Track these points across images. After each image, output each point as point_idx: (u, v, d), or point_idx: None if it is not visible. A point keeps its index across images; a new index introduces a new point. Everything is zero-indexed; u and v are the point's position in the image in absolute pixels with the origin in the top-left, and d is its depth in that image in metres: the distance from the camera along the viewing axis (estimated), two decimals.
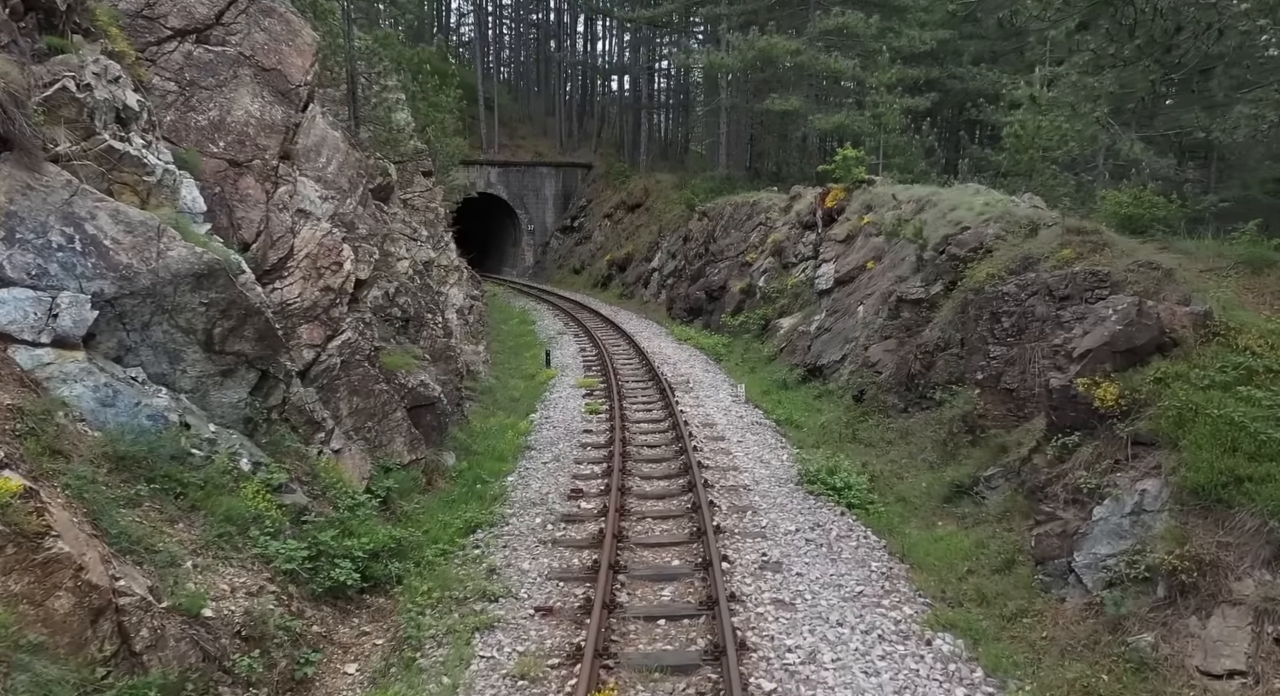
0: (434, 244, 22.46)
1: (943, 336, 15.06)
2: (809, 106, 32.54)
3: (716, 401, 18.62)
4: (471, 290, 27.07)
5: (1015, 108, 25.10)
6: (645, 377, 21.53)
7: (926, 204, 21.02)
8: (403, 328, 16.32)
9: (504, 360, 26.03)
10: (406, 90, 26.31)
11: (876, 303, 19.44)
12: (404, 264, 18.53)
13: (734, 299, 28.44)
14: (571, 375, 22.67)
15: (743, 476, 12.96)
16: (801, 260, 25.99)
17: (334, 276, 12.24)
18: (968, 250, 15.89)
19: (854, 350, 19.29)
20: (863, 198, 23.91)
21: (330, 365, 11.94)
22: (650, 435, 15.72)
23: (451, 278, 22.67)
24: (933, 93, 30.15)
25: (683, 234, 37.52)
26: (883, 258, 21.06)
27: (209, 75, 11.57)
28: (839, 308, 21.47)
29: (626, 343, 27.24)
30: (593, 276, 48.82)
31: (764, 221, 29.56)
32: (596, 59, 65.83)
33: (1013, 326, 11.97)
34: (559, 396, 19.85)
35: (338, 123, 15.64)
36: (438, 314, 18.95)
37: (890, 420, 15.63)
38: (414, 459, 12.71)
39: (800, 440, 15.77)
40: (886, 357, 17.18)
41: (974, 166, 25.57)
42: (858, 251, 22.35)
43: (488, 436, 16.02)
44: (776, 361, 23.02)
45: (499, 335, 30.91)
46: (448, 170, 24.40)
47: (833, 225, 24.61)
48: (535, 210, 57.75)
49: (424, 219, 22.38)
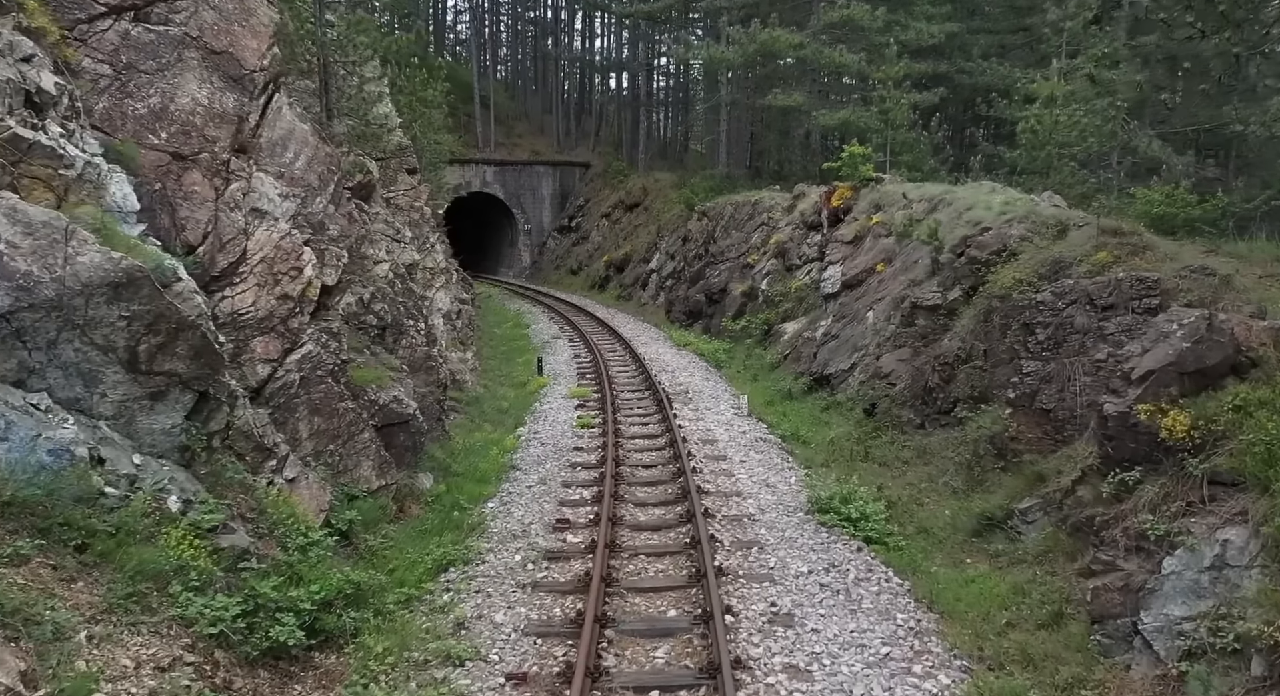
0: (419, 245, 21.17)
1: (963, 347, 13.78)
2: (812, 102, 31.25)
3: (717, 414, 17.33)
4: (461, 293, 25.78)
5: (1030, 102, 23.83)
6: (641, 387, 20.25)
7: (940, 203, 19.74)
8: (379, 336, 15.03)
9: (494, 367, 24.75)
10: (394, 84, 25.04)
11: (888, 308, 18.16)
12: (383, 267, 17.25)
13: (735, 302, 27.16)
14: (564, 384, 21.38)
15: (747, 503, 11.68)
16: (806, 262, 24.70)
17: (293, 283, 10.95)
18: (989, 253, 14.60)
19: (864, 359, 18.01)
20: (871, 197, 22.62)
21: (288, 382, 10.65)
22: (645, 453, 14.43)
23: (438, 280, 21.38)
24: (941, 88, 28.88)
25: (681, 234, 36.24)
26: (893, 260, 19.78)
27: (149, 58, 10.27)
28: (847, 313, 20.18)
29: (623, 348, 25.96)
30: (590, 277, 47.54)
31: (766, 222, 28.27)
32: (594, 56, 64.54)
33: (1049, 339, 10.68)
34: (550, 408, 18.57)
35: (307, 115, 14.34)
36: (420, 320, 17.66)
37: (906, 437, 14.35)
38: (383, 484, 11.42)
39: (808, 459, 14.48)
40: (900, 368, 15.90)
41: (986, 164, 24.30)
42: (866, 253, 21.06)
43: (470, 454, 14.73)
44: (780, 369, 21.74)
45: (491, 340, 29.63)
46: (435, 168, 23.12)
47: (839, 225, 23.33)
48: (532, 210, 56.46)
49: (408, 219, 21.09)
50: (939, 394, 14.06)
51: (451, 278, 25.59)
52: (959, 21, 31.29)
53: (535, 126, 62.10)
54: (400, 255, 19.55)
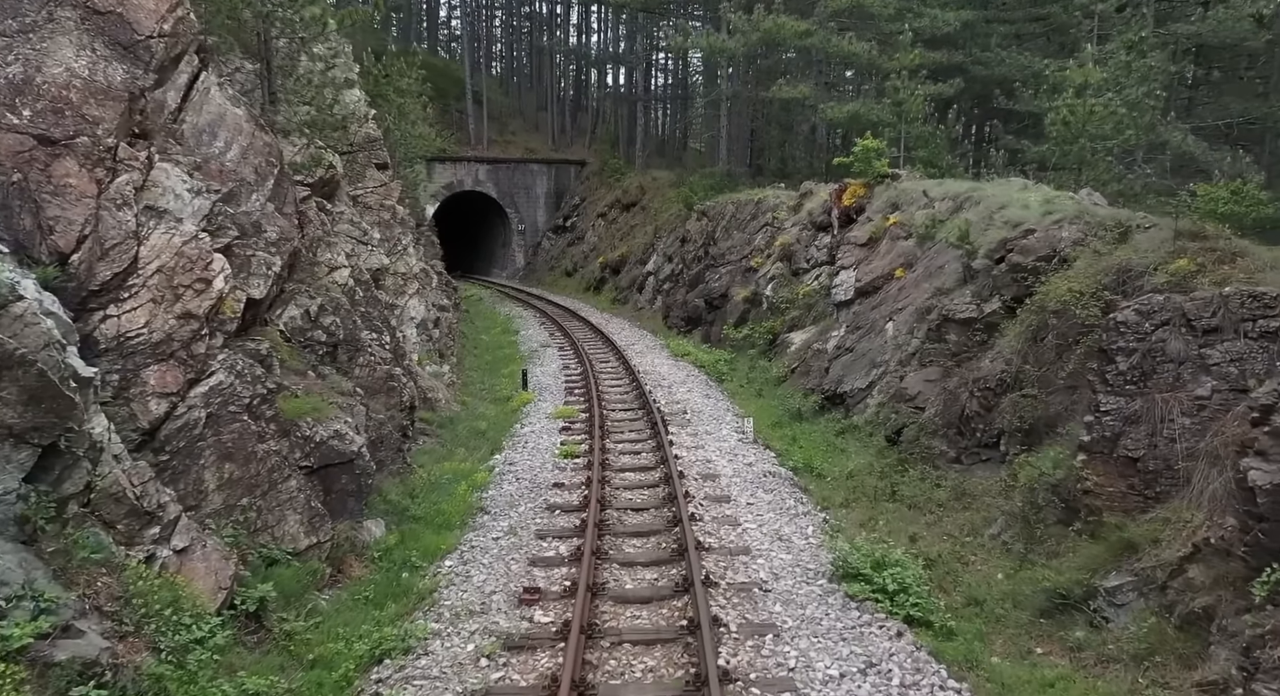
0: (389, 248, 19.04)
1: (1008, 370, 11.65)
2: (818, 95, 29.11)
3: (719, 440, 15.21)
4: (440, 299, 23.66)
5: (1058, 92, 21.68)
6: (634, 405, 18.12)
7: (966, 202, 17.63)
8: (329, 354, 12.91)
9: (476, 379, 22.63)
10: (369, 74, 22.92)
11: (910, 319, 16.05)
12: (342, 274, 15.12)
13: (737, 308, 25.03)
14: (550, 400, 19.26)
15: (757, 566, 9.55)
16: (814, 266, 22.59)
17: (198, 298, 8.83)
18: (1035, 258, 12.48)
19: (884, 377, 15.89)
20: (886, 195, 20.50)
21: (190, 421, 8.53)
22: (636, 493, 12.31)
23: (411, 287, 19.26)
24: (957, 79, 26.78)
25: (680, 235, 34.12)
26: (914, 265, 17.66)
27: (8, 16, 8.15)
28: (862, 323, 18.06)
29: (616, 359, 23.83)
30: (585, 279, 45.40)
31: (770, 222, 26.14)
32: (590, 50, 62.31)
33: (1133, 369, 8.55)
34: (531, 430, 16.44)
35: (242, 98, 12.21)
36: (385, 333, 15.54)
37: (939, 472, 12.23)
38: (314, 543, 9.30)
39: (825, 498, 12.36)
40: (929, 390, 13.78)
41: (1010, 159, 22.18)
42: (883, 257, 18.94)
43: (434, 491, 12.61)
44: (787, 384, 19.62)
45: (476, 348, 27.52)
46: (411, 163, 20.98)
47: (851, 226, 21.20)
48: (526, 209, 54.30)
49: (378, 219, 18.96)
50: (978, 424, 11.94)
51: (430, 282, 23.47)
52: (975, 8, 29.15)
53: (530, 124, 59.94)
54: (366, 259, 17.44)
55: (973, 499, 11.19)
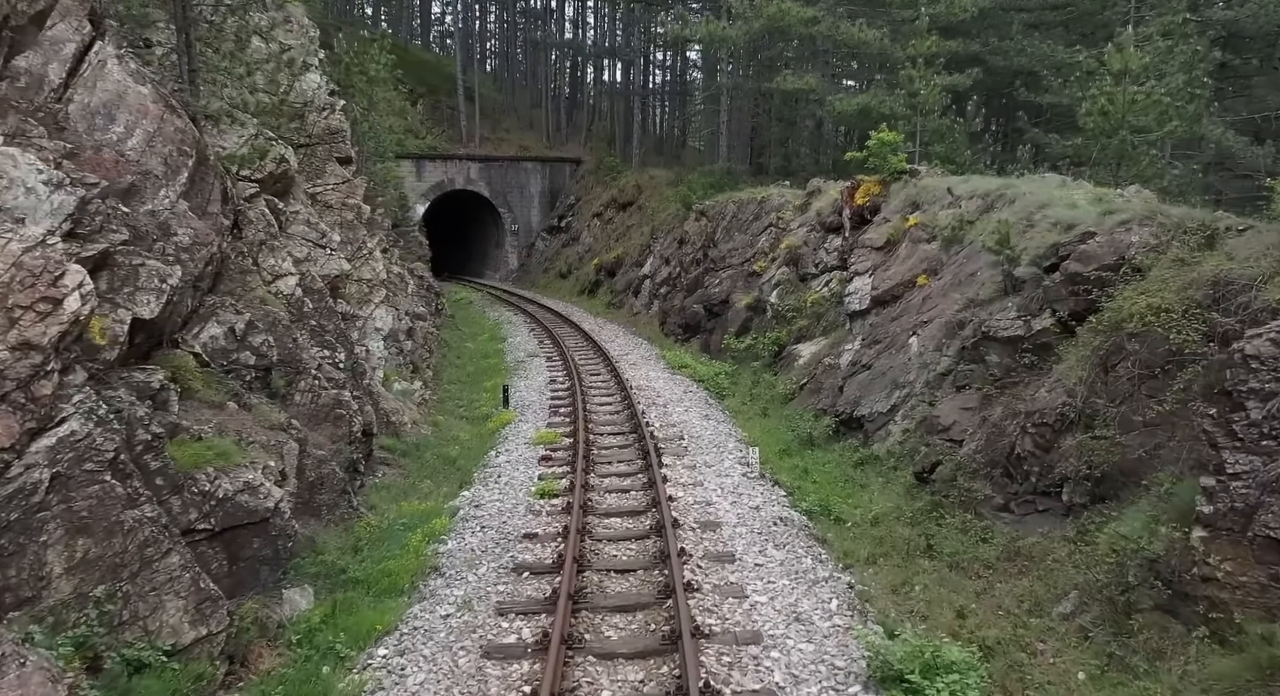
0: (352, 251, 16.95)
1: (1071, 402, 9.56)
2: (825, 87, 26.99)
3: (720, 474, 13.12)
4: (417, 306, 21.57)
5: (1092, 79, 19.58)
6: (625, 428, 16.03)
7: (997, 200, 15.54)
8: (259, 380, 10.83)
9: (455, 394, 20.54)
10: (341, 62, 20.82)
11: (938, 334, 13.96)
12: (287, 283, 13.06)
13: (739, 316, 22.94)
14: (532, 420, 17.17)
15: (770, 662, 7.46)
16: (823, 271, 20.50)
17: (43, 323, 6.73)
18: (1098, 267, 10.38)
19: (909, 400, 13.81)
20: (905, 193, 18.40)
21: (26, 486, 6.44)
22: (622, 548, 10.23)
23: (377, 295, 17.16)
24: (975, 69, 24.68)
25: (677, 236, 32.02)
26: (940, 271, 15.58)
27: None
28: (880, 336, 15.97)
29: (608, 371, 21.74)
30: (580, 282, 43.29)
31: (775, 222, 24.04)
32: (587, 44, 60.08)
33: (1272, 419, 6.46)
34: (507, 460, 14.36)
35: (147, 75, 10.11)
36: (338, 349, 13.46)
37: (984, 522, 10.14)
38: (204, 635, 7.20)
39: (848, 552, 10.27)
40: (966, 420, 11.68)
41: (1038, 154, 20.09)
42: (902, 262, 16.84)
43: (383, 542, 10.53)
44: (796, 402, 17.54)
45: (459, 357, 25.42)
46: (381, 158, 18.87)
47: (865, 227, 19.11)
48: (519, 209, 52.19)
49: (339, 219, 16.87)
50: (1032, 466, 9.85)
51: (405, 288, 21.40)
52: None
53: (524, 121, 57.82)
54: (324, 265, 15.34)
55: (1031, 561, 9.10)
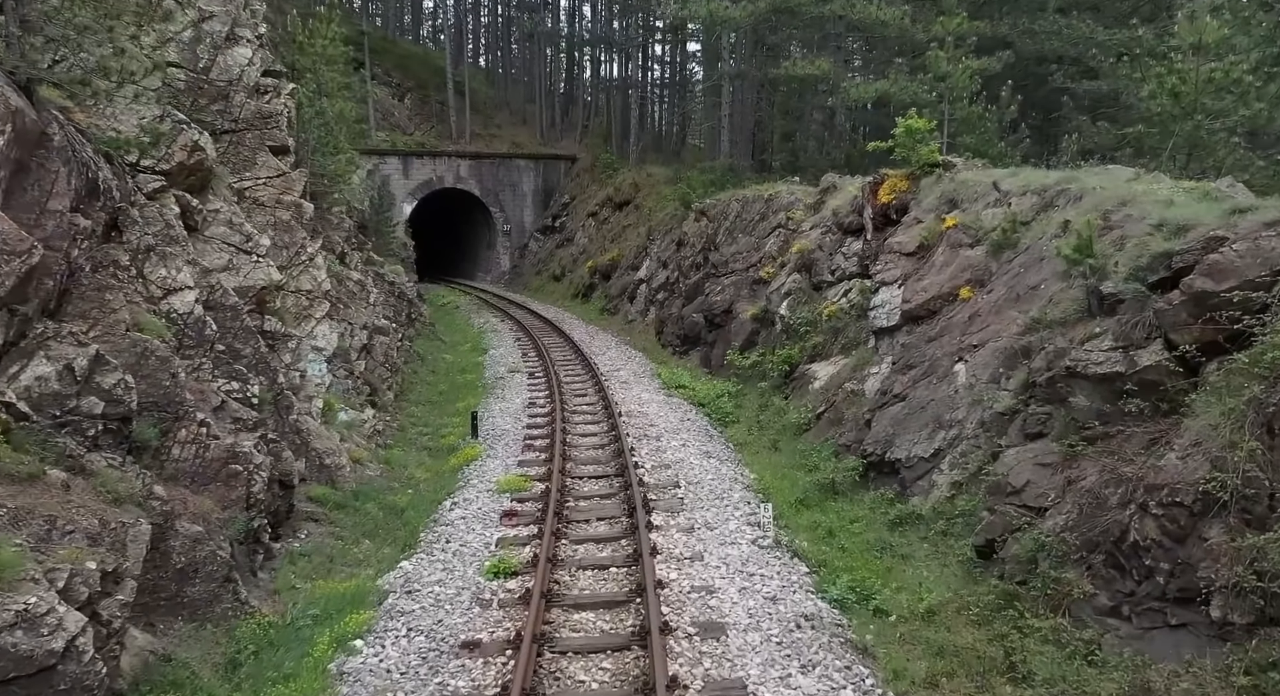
0: (288, 257, 14.16)
1: (1219, 477, 6.75)
2: (838, 73, 24.16)
3: (724, 541, 10.33)
4: (379, 319, 18.77)
5: (1150, 57, 16.76)
6: (609, 468, 13.27)
7: (1058, 197, 12.76)
8: (111, 433, 8.04)
9: (420, 419, 17.77)
10: (295, 40, 18.02)
11: (993, 362, 11.18)
12: (184, 298, 10.36)
13: (743, 329, 20.15)
14: (502, 456, 14.41)
15: None
16: (841, 278, 17.70)
17: None
18: (1238, 285, 7.57)
19: (957, 443, 11.03)
20: (939, 189, 15.60)
21: None
22: (594, 666, 7.44)
23: (319, 308, 14.37)
24: (1006, 52, 21.87)
25: (676, 237, 29.22)
26: (988, 282, 12.79)
27: None
28: (914, 359, 13.17)
29: (595, 391, 18.96)
30: (573, 285, 40.47)
31: (784, 223, 21.24)
32: (583, 35, 57.15)
33: None
34: (463, 515, 11.59)
35: None
36: (251, 382, 10.69)
37: (1085, 630, 7.38)
38: None
39: (899, 668, 7.50)
40: (1043, 481, 8.89)
41: (1086, 145, 17.29)
42: (940, 270, 14.05)
43: (276, 651, 7.77)
44: (812, 434, 14.78)
45: (433, 372, 22.65)
46: (331, 150, 16.07)
47: (892, 229, 16.31)
48: (512, 208, 49.40)
49: (272, 220, 14.07)
50: (1159, 559, 7.06)
51: (365, 298, 18.61)
52: None
53: (517, 116, 55.00)
54: (247, 274, 12.60)
55: None
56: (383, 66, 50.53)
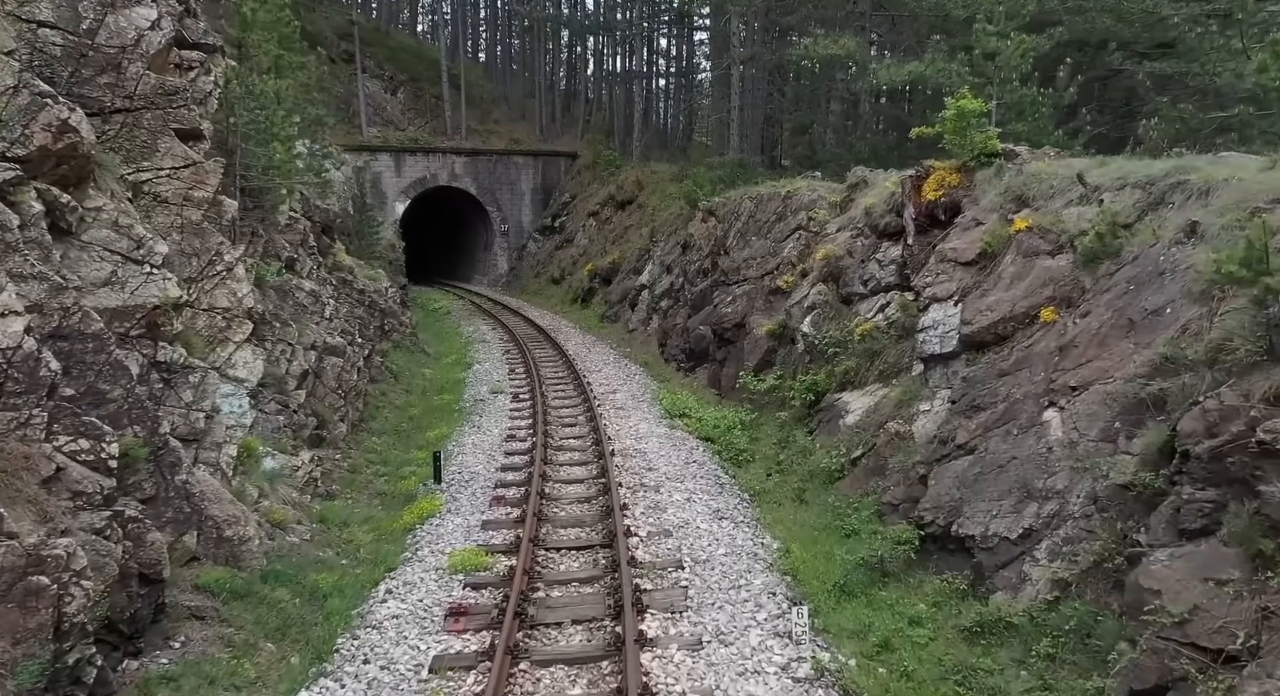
0: (200, 267, 11.27)
1: None
2: (864, 53, 21.15)
3: (747, 672, 7.42)
4: (333, 336, 15.85)
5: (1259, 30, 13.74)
6: (595, 537, 10.36)
7: (1170, 191, 9.80)
8: None
9: (381, 453, 14.90)
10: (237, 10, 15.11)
11: (1102, 411, 8.24)
12: (5, 329, 7.46)
13: (758, 346, 17.21)
14: (463, 515, 11.52)
15: None
16: (876, 290, 14.74)
17: None
18: None
19: (1059, 522, 8.09)
20: (1004, 183, 12.60)
21: None
22: None
23: (239, 330, 11.46)
24: (1058, 28, 18.84)
25: (681, 239, 26.27)
26: (1081, 301, 9.82)
27: None
28: (984, 397, 10.19)
29: (586, 419, 16.06)
30: (573, 290, 37.54)
31: (804, 225, 18.27)
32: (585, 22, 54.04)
33: None
34: (396, 613, 8.70)
35: None
36: (107, 438, 7.82)
37: None
38: None
39: None
40: (1226, 613, 5.96)
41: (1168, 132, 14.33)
42: (1010, 284, 11.07)
43: None
44: (846, 483, 11.87)
45: (408, 392, 19.76)
46: (263, 136, 13.15)
47: (940, 232, 13.34)
48: (510, 207, 46.48)
49: (178, 221, 11.17)
50: None
51: (319, 312, 15.72)
52: None
53: (516, 111, 52.04)
54: (136, 290, 9.77)
55: None
56: (375, 59, 47.67)
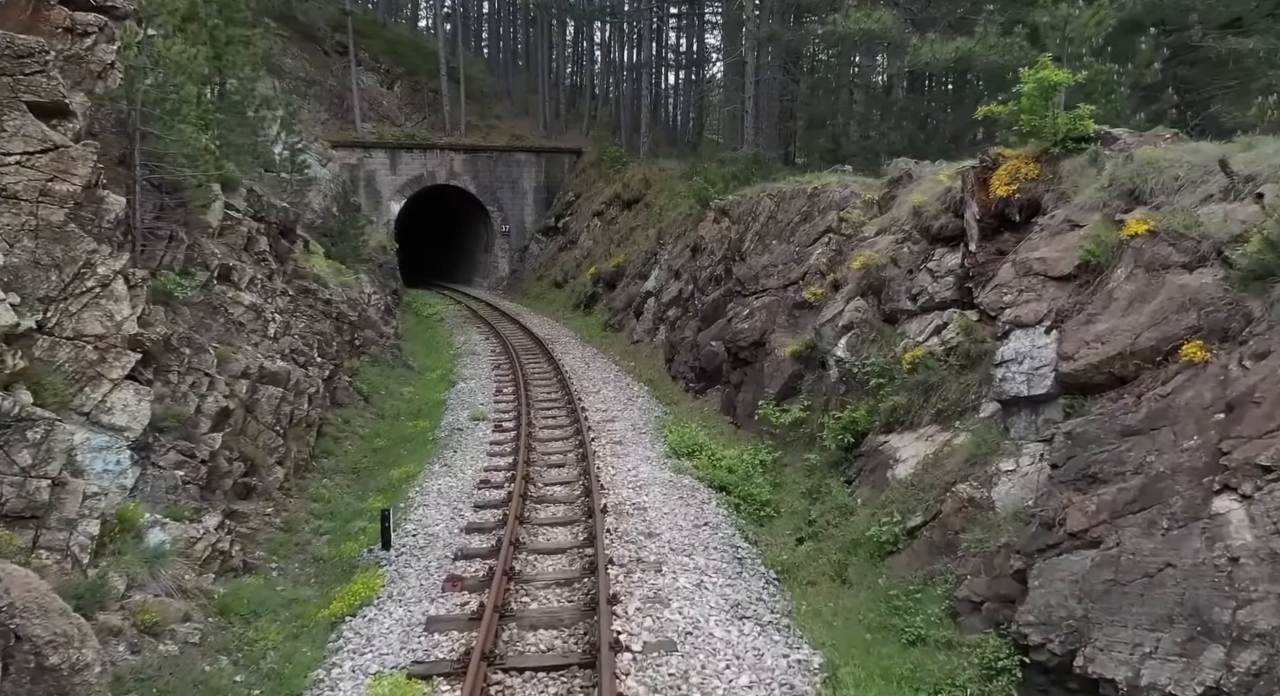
0: (60, 283, 8.53)
1: None
2: (901, 30, 18.29)
3: None
4: (273, 360, 13.11)
5: None
6: (574, 653, 7.61)
7: None
8: None
9: (326, 504, 12.18)
10: None
11: None
12: None
13: (781, 370, 14.40)
14: (406, 604, 8.78)
15: None
16: (928, 307, 11.89)
17: None
18: None
19: (1257, 677, 5.21)
20: (1108, 174, 9.73)
21: None
22: None
23: (117, 364, 8.73)
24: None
25: (690, 242, 23.44)
26: (1248, 337, 6.95)
27: None
28: (1105, 464, 7.34)
29: (577, 458, 13.29)
30: (575, 294, 34.75)
31: (835, 227, 15.43)
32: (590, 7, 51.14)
33: None
34: None
35: None
36: None
37: None
38: None
39: None
40: None
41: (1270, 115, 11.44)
42: (1127, 308, 8.22)
43: None
44: (902, 560, 9.12)
45: (380, 416, 17.03)
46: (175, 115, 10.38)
47: (1013, 236, 10.48)
48: (511, 207, 43.72)
49: (31, 223, 8.45)
50: None
51: (263, 331, 13.00)
52: None
53: (518, 107, 49.28)
54: None
55: None
56: (370, 51, 45.03)
